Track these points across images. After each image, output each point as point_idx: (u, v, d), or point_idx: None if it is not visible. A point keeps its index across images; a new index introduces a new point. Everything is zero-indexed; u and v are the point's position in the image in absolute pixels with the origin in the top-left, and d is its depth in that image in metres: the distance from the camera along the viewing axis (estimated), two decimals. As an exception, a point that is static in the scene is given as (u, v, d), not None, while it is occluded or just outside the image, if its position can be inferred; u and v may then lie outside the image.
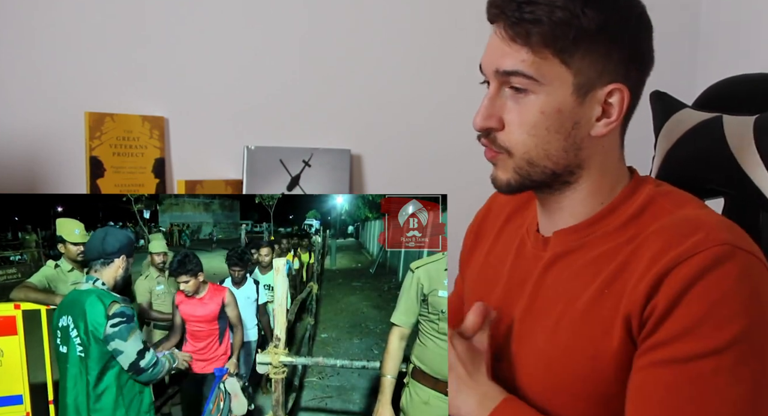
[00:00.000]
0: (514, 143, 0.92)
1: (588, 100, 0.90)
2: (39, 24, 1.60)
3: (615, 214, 0.95)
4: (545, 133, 0.90)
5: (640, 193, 0.96)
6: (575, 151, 0.92)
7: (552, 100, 0.88)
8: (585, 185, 0.96)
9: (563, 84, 0.88)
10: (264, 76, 1.82)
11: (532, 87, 0.88)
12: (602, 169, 0.96)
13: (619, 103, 0.90)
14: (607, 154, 0.95)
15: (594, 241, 0.95)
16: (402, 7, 1.94)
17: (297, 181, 1.86)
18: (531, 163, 0.92)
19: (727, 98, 1.23)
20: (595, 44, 0.87)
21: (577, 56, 0.87)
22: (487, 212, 1.25)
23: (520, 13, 0.86)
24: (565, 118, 0.90)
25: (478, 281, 1.17)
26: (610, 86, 0.89)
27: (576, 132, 0.91)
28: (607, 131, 0.92)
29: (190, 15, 1.73)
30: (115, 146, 1.67)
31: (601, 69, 0.88)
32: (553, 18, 0.85)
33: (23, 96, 1.59)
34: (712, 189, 1.21)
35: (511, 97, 0.91)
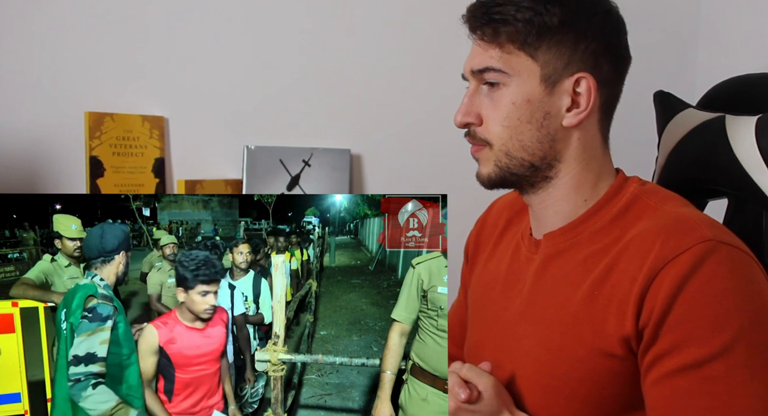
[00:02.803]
0: (492, 135, 0.96)
1: (556, 90, 0.94)
2: (39, 24, 1.59)
3: (601, 213, 0.97)
4: (518, 123, 0.94)
5: (624, 191, 0.98)
6: (550, 142, 0.95)
7: (521, 90, 0.94)
8: (566, 179, 0.98)
9: (531, 75, 0.93)
10: (264, 76, 1.82)
11: (503, 79, 0.94)
12: (582, 163, 0.98)
13: (586, 92, 0.93)
14: (585, 148, 0.98)
15: (582, 241, 0.97)
16: (402, 7, 1.93)
17: (297, 180, 1.85)
18: (508, 154, 0.96)
19: (730, 98, 1.23)
20: (558, 36, 0.92)
21: (543, 48, 0.92)
22: (484, 222, 1.27)
23: (489, 15, 0.93)
24: (535, 108, 0.94)
25: (477, 288, 1.18)
26: (576, 75, 0.93)
27: (547, 122, 0.95)
28: (578, 121, 0.95)
29: (189, 15, 1.73)
30: (115, 146, 1.67)
31: (566, 60, 0.93)
32: (518, 16, 0.91)
33: (23, 96, 1.59)
34: (715, 189, 1.21)
35: (486, 94, 0.97)
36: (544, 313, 0.97)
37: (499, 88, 0.95)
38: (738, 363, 0.79)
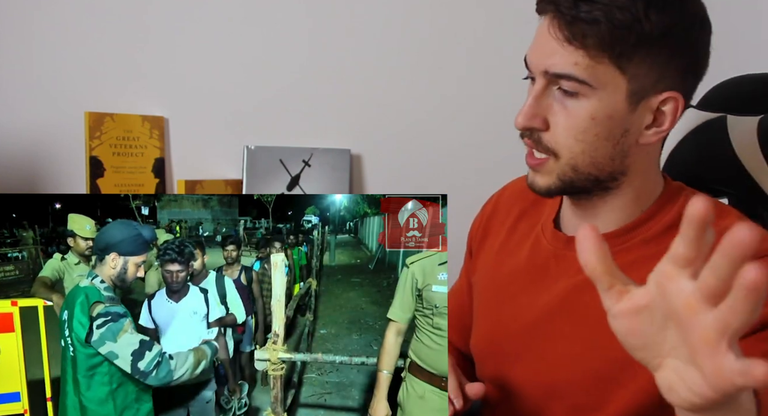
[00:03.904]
0: (561, 146, 0.87)
1: (641, 107, 0.85)
2: (39, 24, 1.59)
3: (653, 220, 0.93)
4: (594, 139, 0.86)
5: (677, 199, 0.93)
6: (621, 159, 0.88)
7: (604, 105, 0.84)
8: (627, 191, 0.93)
9: (617, 90, 0.83)
10: (264, 76, 1.82)
11: (584, 91, 0.83)
12: (645, 176, 0.93)
13: (672, 112, 0.86)
14: (650, 161, 0.93)
15: (631, 248, 0.92)
16: (402, 7, 1.93)
17: (297, 180, 1.85)
18: (576, 169, 0.88)
19: (731, 98, 1.23)
20: (655, 50, 0.81)
21: (635, 61, 0.81)
22: (495, 205, 1.22)
23: (576, 11, 0.80)
24: (615, 125, 0.85)
25: (489, 280, 1.16)
26: (664, 94, 0.84)
27: (625, 139, 0.87)
28: (656, 140, 0.88)
29: (190, 15, 1.73)
30: (115, 146, 1.67)
31: (657, 76, 0.83)
32: (613, 20, 0.79)
33: (23, 96, 1.59)
34: (716, 189, 1.21)
35: (558, 99, 0.86)
36: (587, 313, 0.90)
37: (577, 98, 0.84)
38: None
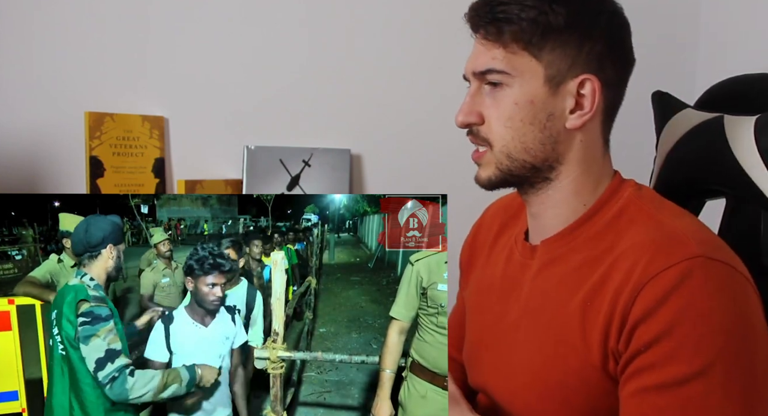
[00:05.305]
0: (494, 135, 0.95)
1: (560, 91, 0.92)
2: (39, 24, 1.59)
3: (596, 218, 0.96)
4: (520, 124, 0.93)
5: (619, 195, 0.97)
6: (552, 144, 0.94)
7: (525, 91, 0.92)
8: (566, 182, 0.97)
9: (534, 76, 0.92)
10: (264, 76, 1.82)
11: (506, 80, 0.92)
12: (584, 166, 0.97)
13: (591, 94, 0.92)
14: (587, 150, 0.96)
15: (577, 247, 0.96)
16: (402, 7, 1.94)
17: (297, 180, 1.86)
18: (510, 156, 0.95)
19: (729, 98, 1.23)
20: (564, 37, 0.90)
21: (547, 49, 0.91)
22: (479, 227, 1.26)
23: (492, 13, 0.92)
24: (538, 110, 0.92)
25: (475, 292, 1.18)
26: (581, 77, 0.92)
27: (551, 124, 0.93)
28: (581, 123, 0.94)
29: (190, 15, 1.73)
30: (115, 146, 1.67)
31: (571, 61, 0.91)
32: (523, 15, 0.89)
33: (23, 96, 1.59)
34: (713, 189, 1.21)
35: (488, 93, 0.95)
36: (539, 320, 0.96)
37: (502, 88, 0.93)
38: (715, 385, 0.78)
